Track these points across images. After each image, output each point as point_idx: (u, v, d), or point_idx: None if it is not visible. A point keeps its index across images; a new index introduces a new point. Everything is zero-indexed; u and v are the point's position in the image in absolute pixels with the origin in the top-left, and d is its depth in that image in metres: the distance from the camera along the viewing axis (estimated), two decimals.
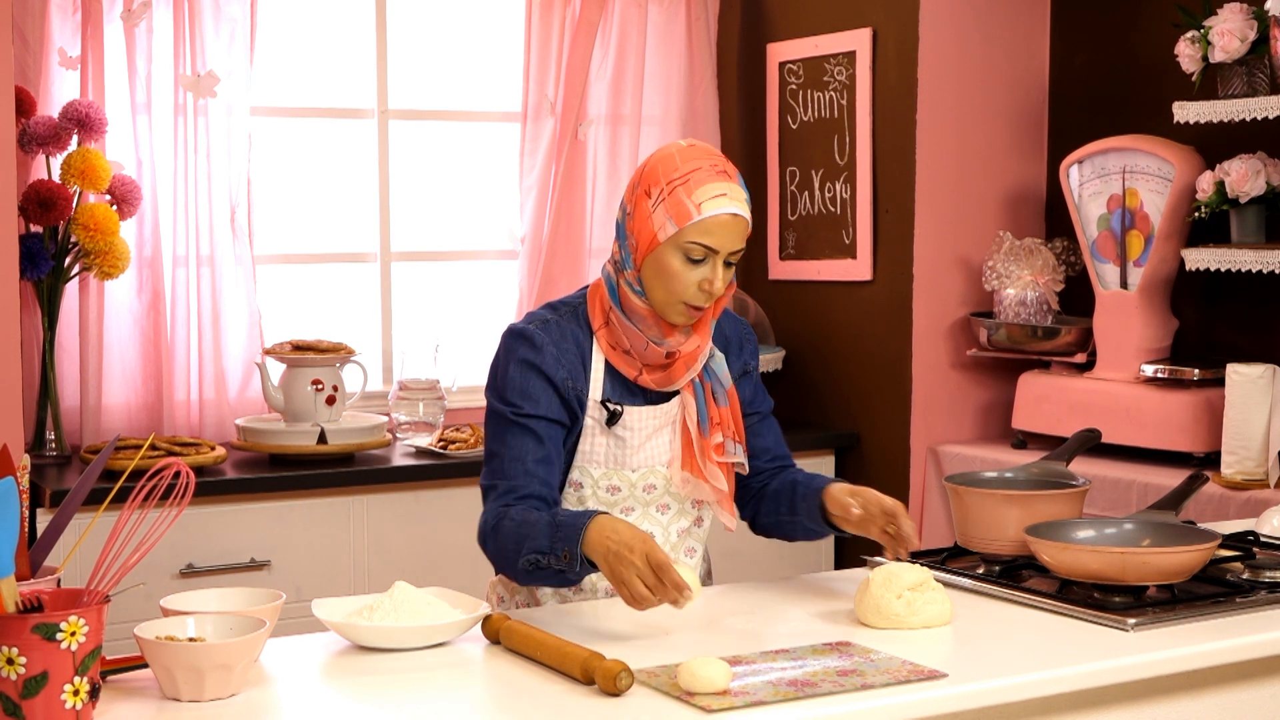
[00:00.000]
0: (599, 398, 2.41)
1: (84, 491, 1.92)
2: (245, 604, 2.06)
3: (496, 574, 2.49)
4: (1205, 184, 3.68)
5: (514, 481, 2.33)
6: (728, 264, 2.33)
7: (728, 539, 2.68)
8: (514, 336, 2.41)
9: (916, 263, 4.24)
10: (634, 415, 2.42)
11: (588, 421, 2.42)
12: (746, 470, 2.52)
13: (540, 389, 2.37)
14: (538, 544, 2.20)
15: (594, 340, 2.42)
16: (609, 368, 2.42)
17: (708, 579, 2.62)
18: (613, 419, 2.40)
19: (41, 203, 3.76)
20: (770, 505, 2.55)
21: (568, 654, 1.94)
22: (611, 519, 2.18)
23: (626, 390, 2.43)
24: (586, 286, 2.49)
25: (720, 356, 2.49)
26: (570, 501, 2.45)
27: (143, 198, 3.97)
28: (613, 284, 2.40)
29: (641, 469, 2.44)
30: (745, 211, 2.32)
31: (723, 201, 2.30)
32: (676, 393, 2.46)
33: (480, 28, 4.65)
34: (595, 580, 2.45)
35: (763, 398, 2.60)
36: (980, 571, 2.51)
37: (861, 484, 4.45)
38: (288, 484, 3.71)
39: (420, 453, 4.02)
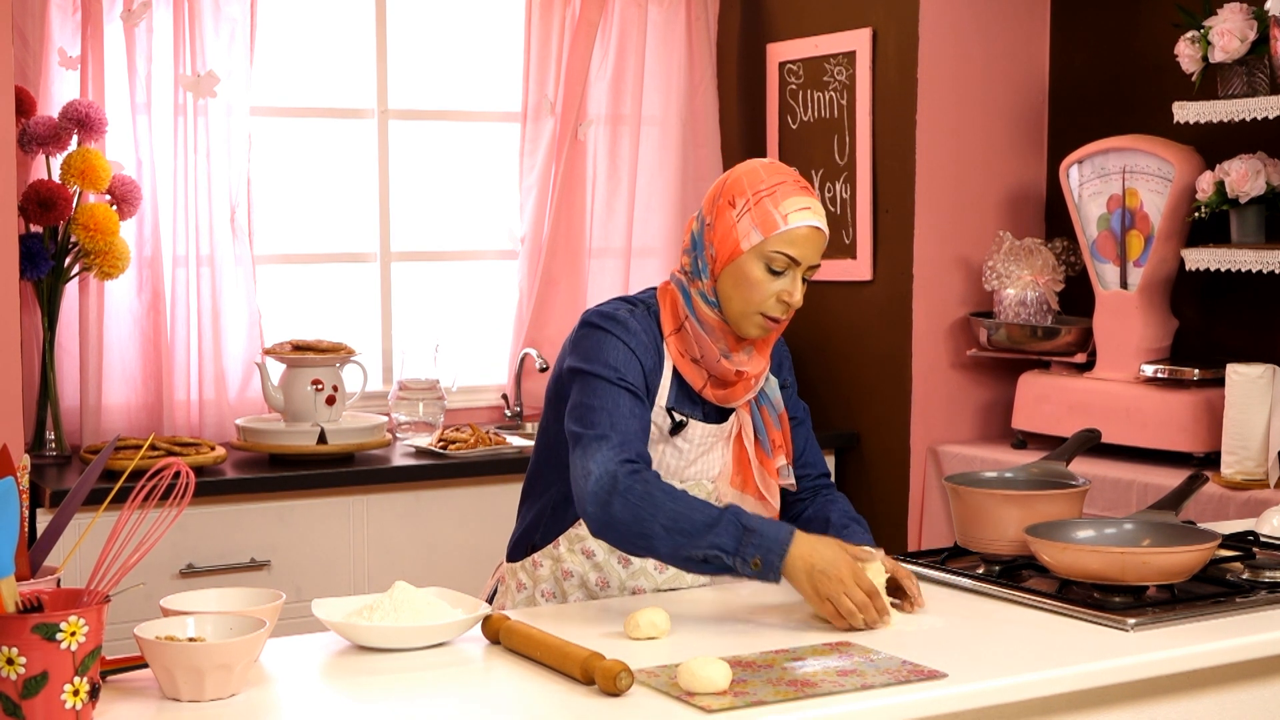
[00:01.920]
0: (664, 404, 2.41)
1: (84, 491, 1.92)
2: (245, 604, 2.06)
3: (596, 536, 2.30)
4: (1205, 184, 3.68)
5: (630, 435, 2.29)
6: (805, 280, 2.35)
7: None
8: (603, 317, 2.38)
9: (916, 263, 4.24)
10: (694, 429, 2.44)
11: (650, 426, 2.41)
12: (795, 488, 2.55)
13: (636, 367, 2.36)
14: (721, 541, 2.17)
15: (664, 345, 2.42)
16: (675, 376, 2.42)
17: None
18: (676, 429, 2.41)
19: (41, 203, 3.76)
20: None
21: (568, 654, 1.94)
22: (805, 535, 2.20)
23: (689, 401, 2.44)
24: (652, 288, 2.49)
25: (774, 380, 2.51)
26: None
27: (143, 198, 3.97)
28: (686, 291, 2.40)
29: (690, 482, 2.46)
30: (826, 227, 2.36)
31: (808, 215, 2.33)
32: (731, 411, 2.47)
33: (480, 28, 4.65)
34: (624, 580, 2.47)
35: (796, 405, 2.61)
36: (980, 571, 2.51)
37: (862, 484, 4.47)
38: (288, 484, 3.71)
39: (420, 453, 4.02)
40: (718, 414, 2.48)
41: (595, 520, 2.25)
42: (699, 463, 2.46)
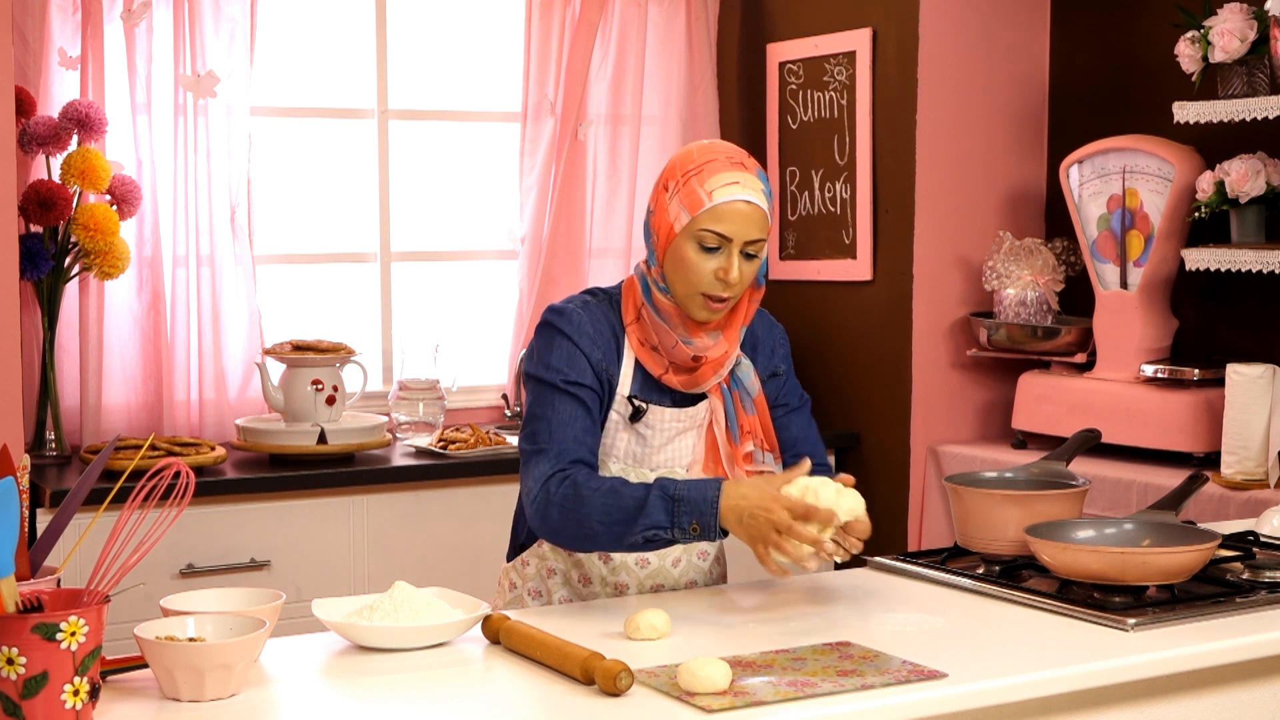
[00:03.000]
0: (626, 392, 2.41)
1: (84, 491, 1.92)
2: (245, 604, 2.06)
3: (552, 540, 2.36)
4: (1205, 184, 3.68)
5: (565, 445, 2.33)
6: (749, 256, 2.33)
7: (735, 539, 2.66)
8: (553, 313, 2.41)
9: (916, 263, 4.24)
10: (659, 415, 2.43)
11: (613, 415, 2.42)
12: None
13: (582, 363, 2.37)
14: (654, 519, 2.22)
15: (626, 333, 2.43)
16: (638, 364, 2.42)
17: (722, 580, 2.62)
18: (636, 415, 2.41)
19: (41, 203, 3.76)
20: None
21: (568, 654, 1.94)
22: (732, 483, 2.23)
23: (654, 388, 2.43)
24: (625, 279, 2.50)
25: (747, 364, 2.48)
26: None
27: (143, 198, 3.97)
28: (645, 281, 2.41)
29: (660, 469, 2.45)
30: (760, 200, 2.32)
31: (735, 189, 2.30)
32: (704, 396, 2.46)
33: (480, 28, 4.65)
34: (605, 575, 2.47)
35: (791, 391, 2.58)
36: (980, 571, 2.51)
37: (862, 484, 4.45)
38: (288, 484, 3.71)
39: (420, 453, 4.02)
40: (688, 399, 2.46)
41: (541, 533, 2.34)
42: (666, 450, 2.45)
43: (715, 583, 2.58)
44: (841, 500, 2.22)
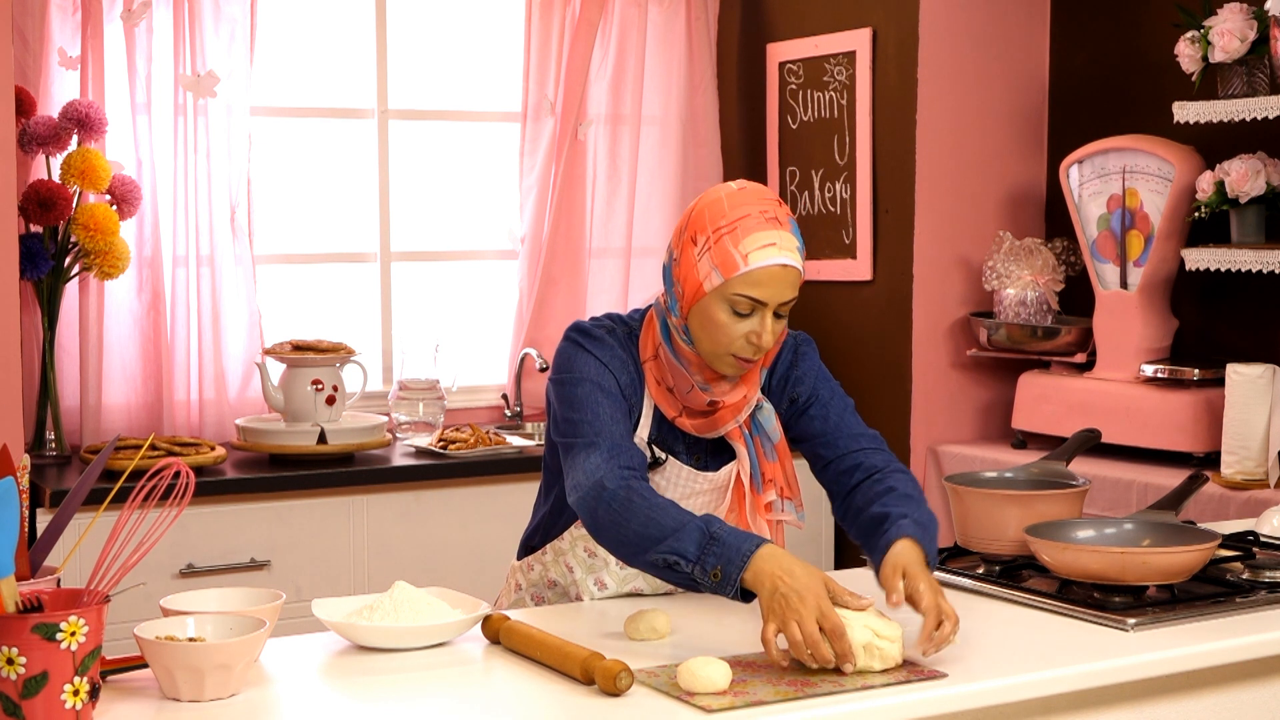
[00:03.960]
0: (645, 435, 2.32)
1: (84, 491, 1.92)
2: (245, 604, 2.06)
3: (595, 538, 2.20)
4: (1205, 184, 3.68)
5: (615, 442, 2.19)
6: (779, 315, 2.22)
7: None
8: (583, 334, 2.30)
9: (916, 263, 4.24)
10: (678, 471, 2.33)
11: None
12: (802, 527, 2.42)
13: (610, 380, 2.27)
14: (682, 547, 2.04)
15: (644, 370, 2.32)
16: (655, 406, 2.32)
17: None
18: (654, 465, 2.31)
19: (41, 203, 3.76)
20: (854, 528, 2.34)
21: (568, 654, 1.94)
22: (782, 553, 2.02)
23: (670, 432, 2.33)
24: (642, 309, 2.38)
25: (769, 408, 2.37)
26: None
27: (143, 198, 3.97)
28: (665, 323, 2.30)
29: None
30: (796, 261, 2.20)
31: (771, 252, 2.18)
32: (724, 452, 2.35)
33: (480, 28, 4.65)
34: (595, 595, 2.42)
35: (821, 386, 2.47)
36: (980, 571, 2.51)
37: None
38: (288, 484, 3.71)
39: (420, 453, 4.02)
40: (709, 460, 2.35)
41: (587, 527, 2.19)
42: (683, 505, 2.27)
43: None
44: (857, 630, 1.97)
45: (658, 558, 2.06)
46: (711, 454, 2.37)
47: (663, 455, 2.31)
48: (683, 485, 2.34)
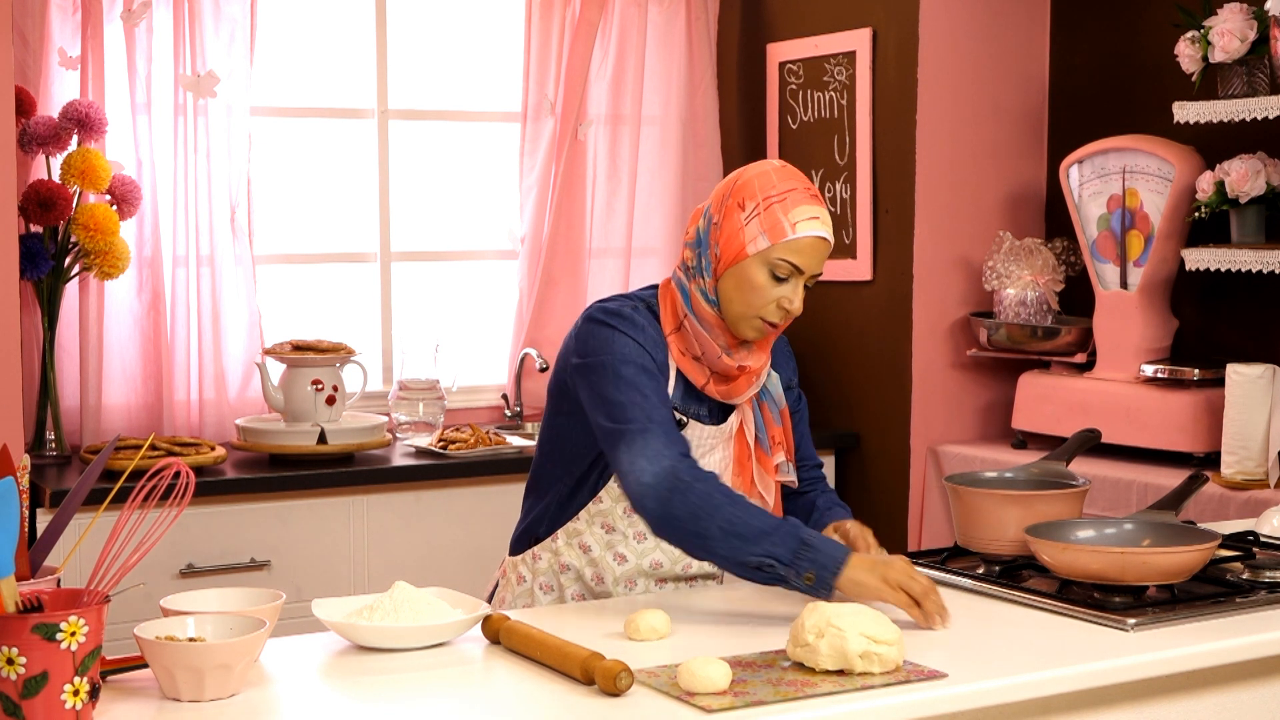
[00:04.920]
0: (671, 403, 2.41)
1: (84, 491, 1.92)
2: (245, 604, 2.06)
3: (655, 533, 2.30)
4: (1205, 184, 3.68)
5: (669, 428, 2.29)
6: (806, 286, 2.36)
7: None
8: (611, 314, 2.37)
9: (916, 263, 4.24)
10: (697, 431, 2.43)
11: None
12: (796, 485, 2.55)
13: (647, 359, 2.35)
14: (776, 550, 2.18)
15: (667, 343, 2.42)
16: (679, 374, 2.42)
17: None
18: (678, 429, 2.39)
19: (41, 203, 3.76)
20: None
21: (568, 654, 1.94)
22: (867, 559, 2.20)
23: (693, 400, 2.44)
24: (654, 285, 2.48)
25: (775, 376, 2.51)
26: (612, 497, 2.42)
27: (143, 198, 3.97)
28: (685, 289, 2.40)
29: None
30: (832, 237, 2.36)
31: (816, 224, 2.33)
32: (729, 410, 2.46)
33: (480, 28, 4.65)
34: (618, 575, 2.46)
35: (797, 400, 2.61)
36: (980, 571, 2.51)
37: (862, 484, 4.46)
38: (288, 484, 3.71)
39: (420, 453, 4.02)
40: (719, 414, 2.47)
41: (654, 516, 2.25)
42: (700, 464, 2.43)
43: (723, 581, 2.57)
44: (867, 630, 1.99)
45: (751, 559, 2.19)
46: (720, 422, 2.48)
47: (684, 418, 2.42)
48: (702, 443, 2.44)
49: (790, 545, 2.18)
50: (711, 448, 2.45)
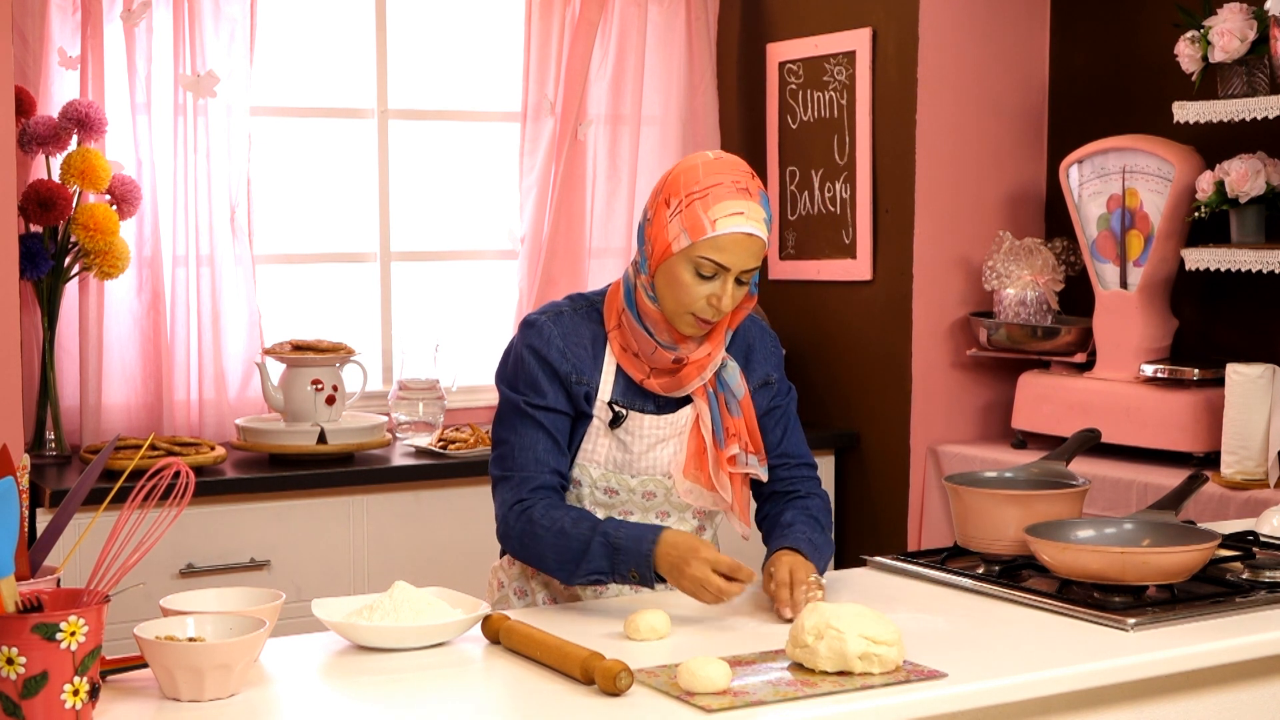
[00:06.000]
0: (607, 398, 2.41)
1: (84, 491, 1.92)
2: (245, 604, 2.06)
3: (512, 563, 2.52)
4: (1205, 184, 3.68)
5: (526, 472, 2.38)
6: (740, 282, 2.33)
7: (735, 538, 2.67)
8: (526, 326, 2.43)
9: (916, 263, 4.24)
10: (640, 422, 2.42)
11: (594, 421, 2.42)
12: (765, 479, 2.49)
13: (547, 381, 2.39)
14: (596, 565, 2.28)
15: (609, 339, 2.43)
16: (619, 370, 2.42)
17: None
18: (616, 421, 2.40)
19: (41, 203, 3.76)
20: (764, 529, 2.54)
21: (568, 654, 1.94)
22: (670, 534, 2.25)
23: (637, 394, 2.43)
24: (611, 284, 2.49)
25: (734, 366, 2.46)
26: (569, 499, 2.44)
27: (143, 198, 3.97)
28: (630, 285, 2.41)
29: (642, 475, 2.44)
30: (761, 231, 2.31)
31: (738, 220, 2.29)
32: (688, 402, 2.44)
33: (480, 28, 4.65)
34: (580, 589, 2.47)
35: (780, 394, 2.56)
36: (980, 571, 2.51)
37: (862, 484, 4.46)
38: (288, 484, 3.71)
39: (420, 453, 4.03)
40: (671, 405, 2.45)
41: (510, 554, 2.45)
42: (648, 456, 2.43)
43: None
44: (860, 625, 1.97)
45: (584, 579, 2.31)
46: (673, 411, 2.46)
47: (623, 410, 2.41)
48: (645, 435, 2.43)
49: (607, 556, 2.27)
50: (661, 439, 2.43)
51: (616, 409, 2.40)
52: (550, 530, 2.31)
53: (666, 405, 2.44)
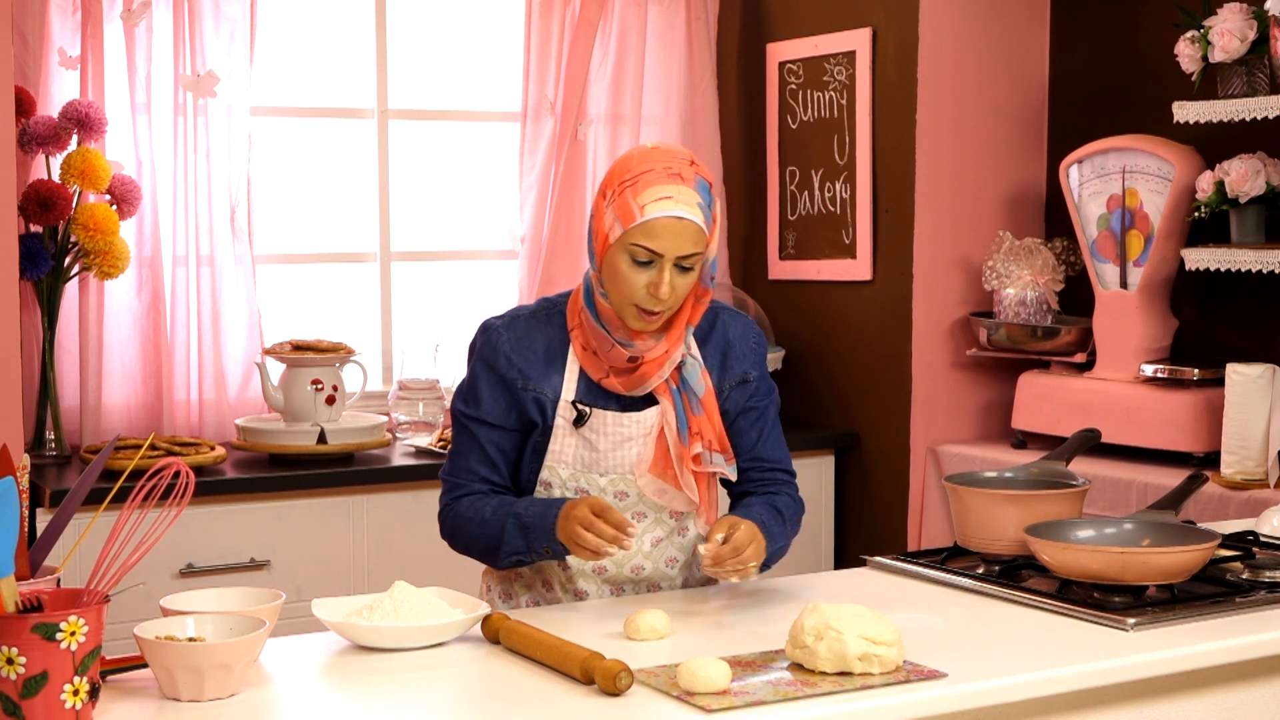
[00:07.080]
0: (571, 398, 2.40)
1: (84, 491, 1.92)
2: (245, 604, 2.07)
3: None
4: (1205, 184, 3.68)
5: (457, 478, 2.46)
6: (685, 269, 2.29)
7: None
8: (479, 330, 2.47)
9: (916, 263, 4.24)
10: (602, 420, 2.40)
11: (558, 421, 2.40)
12: (734, 478, 2.47)
13: (488, 390, 2.42)
14: (514, 546, 2.36)
15: (571, 339, 2.42)
16: (582, 370, 2.41)
17: (709, 582, 2.59)
18: (579, 420, 2.40)
19: (41, 203, 3.76)
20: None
21: (568, 654, 1.94)
22: (567, 504, 2.31)
23: (601, 393, 2.42)
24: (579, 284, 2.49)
25: (694, 363, 2.42)
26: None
27: (143, 198, 3.97)
28: (589, 284, 2.40)
29: (611, 474, 2.42)
30: (693, 215, 2.26)
31: (667, 204, 2.25)
32: (653, 402, 2.42)
33: (480, 28, 4.65)
34: (564, 582, 2.46)
35: (759, 394, 2.51)
36: (980, 571, 2.51)
37: (861, 484, 4.46)
38: (288, 484, 3.71)
39: (420, 453, 4.02)
40: (636, 404, 2.42)
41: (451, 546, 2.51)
42: (614, 455, 2.41)
43: (684, 586, 2.52)
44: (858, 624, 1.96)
45: (508, 562, 2.38)
46: (638, 410, 2.44)
47: (586, 409, 2.41)
48: (611, 433, 2.42)
49: (521, 535, 2.34)
50: (627, 438, 2.41)
51: (580, 408, 2.40)
52: (473, 521, 2.39)
53: (631, 403, 2.42)
